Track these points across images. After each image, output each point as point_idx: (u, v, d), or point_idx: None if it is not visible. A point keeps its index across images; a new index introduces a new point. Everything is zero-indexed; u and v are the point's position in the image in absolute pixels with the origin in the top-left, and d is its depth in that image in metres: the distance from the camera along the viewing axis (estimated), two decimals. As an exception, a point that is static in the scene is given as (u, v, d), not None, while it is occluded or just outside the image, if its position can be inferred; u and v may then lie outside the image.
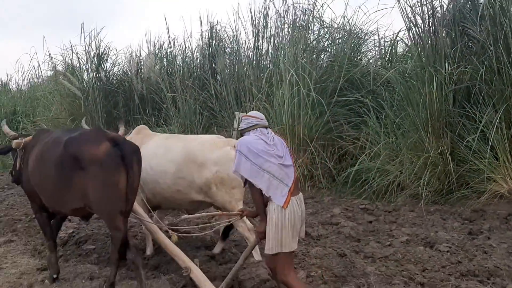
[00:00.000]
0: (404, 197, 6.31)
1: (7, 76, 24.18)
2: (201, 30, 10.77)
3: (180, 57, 11.12)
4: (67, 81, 10.73)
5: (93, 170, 3.28)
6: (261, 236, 2.96)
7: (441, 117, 6.35)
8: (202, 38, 10.76)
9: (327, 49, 7.86)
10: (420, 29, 6.66)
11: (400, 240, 4.52)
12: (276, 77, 8.18)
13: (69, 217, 6.32)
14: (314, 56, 7.93)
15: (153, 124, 10.31)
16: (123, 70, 11.68)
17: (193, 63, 10.95)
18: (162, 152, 4.25)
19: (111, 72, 11.47)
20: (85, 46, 11.12)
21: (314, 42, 8.03)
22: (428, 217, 5.47)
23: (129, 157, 3.36)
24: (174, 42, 10.77)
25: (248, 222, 4.02)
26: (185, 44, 10.75)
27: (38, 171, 3.70)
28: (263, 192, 2.87)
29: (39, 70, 12.71)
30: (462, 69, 6.34)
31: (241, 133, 3.20)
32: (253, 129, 3.07)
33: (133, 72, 10.79)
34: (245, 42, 10.06)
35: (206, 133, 9.63)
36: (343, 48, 7.77)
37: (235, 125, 9.18)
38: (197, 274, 3.36)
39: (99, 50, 11.13)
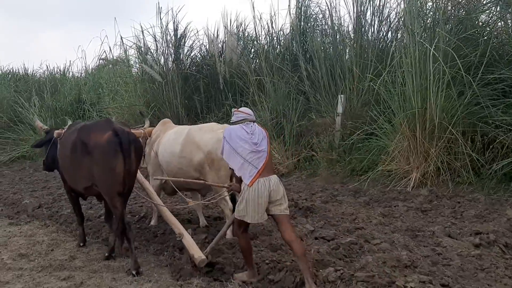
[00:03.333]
0: None
1: (67, 62, 23.90)
2: (289, 5, 9.66)
3: (264, 37, 10.07)
4: (147, 65, 9.92)
5: (96, 154, 3.85)
6: None
7: None
8: (290, 15, 9.67)
9: (468, 18, 6.58)
10: None
11: None
12: (399, 52, 7.03)
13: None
14: (449, 26, 6.69)
15: (241, 111, 9.39)
16: (200, 53, 10.77)
17: (279, 43, 9.90)
18: (173, 137, 4.88)
19: (190, 55, 10.55)
20: (161, 27, 10.26)
21: (453, 9, 6.79)
22: None
23: (127, 145, 3.85)
24: (260, 20, 9.68)
25: (229, 202, 4.53)
26: (271, 21, 9.66)
27: (63, 154, 4.36)
28: (235, 172, 3.39)
29: (110, 54, 11.86)
30: None
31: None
32: (242, 123, 3.51)
33: (216, 55, 9.85)
34: (342, 16, 8.94)
35: (301, 119, 8.65)
36: (491, 16, 6.51)
37: (339, 110, 8.15)
38: (188, 239, 3.95)
39: (176, 32, 10.26)
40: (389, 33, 8.45)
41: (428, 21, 6.72)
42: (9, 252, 4.43)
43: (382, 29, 8.49)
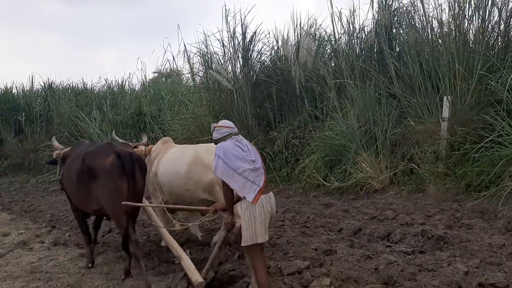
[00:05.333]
0: None
1: (126, 75, 23.85)
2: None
3: (342, 35, 9.03)
4: (216, 72, 9.15)
5: (102, 178, 3.94)
6: (228, 227, 3.42)
7: None
8: (373, 9, 8.58)
9: None
10: None
11: None
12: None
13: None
14: None
15: (323, 117, 8.37)
16: (270, 57, 9.88)
17: (361, 42, 8.82)
18: (176, 157, 4.83)
19: (260, 60, 9.69)
20: (228, 31, 9.47)
21: None
22: None
23: (130, 166, 3.97)
24: (339, 17, 8.63)
25: None
26: (352, 17, 8.60)
27: (68, 178, 4.48)
28: (237, 192, 3.26)
29: (174, 63, 11.21)
30: None
31: (215, 142, 3.46)
32: (229, 138, 3.38)
33: (290, 57, 8.91)
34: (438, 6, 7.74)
35: (396, 126, 7.49)
36: None
37: (445, 114, 6.94)
38: (186, 261, 3.90)
39: (245, 35, 9.42)
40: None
41: None
42: (86, 299, 3.64)
43: (493, 15, 7.22)
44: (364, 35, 8.82)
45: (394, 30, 8.57)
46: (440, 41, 7.81)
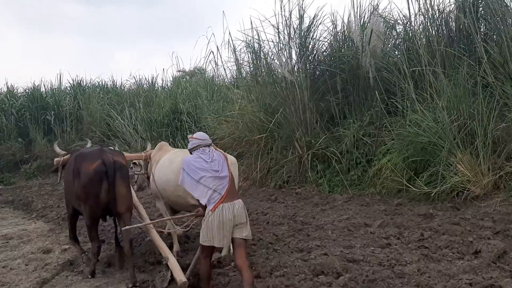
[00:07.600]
0: None
1: (156, 73, 22.82)
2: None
3: (417, 16, 7.87)
4: (274, 63, 8.11)
5: (84, 180, 4.27)
6: None
7: None
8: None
9: None
10: None
11: None
12: None
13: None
14: None
15: (404, 111, 7.22)
16: (331, 44, 8.76)
17: (442, 23, 7.65)
18: (167, 164, 4.90)
19: (320, 47, 8.59)
20: (283, 16, 8.41)
21: None
22: None
23: (112, 173, 4.23)
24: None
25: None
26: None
27: (66, 179, 4.89)
28: (200, 201, 3.48)
29: (218, 55, 10.10)
30: None
31: (190, 152, 3.76)
32: (197, 149, 3.64)
33: (359, 43, 7.78)
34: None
35: (498, 120, 6.31)
36: None
37: None
38: (172, 262, 4.09)
39: (302, 19, 8.36)
40: None
41: None
42: None
43: None
44: (444, 15, 7.64)
45: (481, 9, 7.41)
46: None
